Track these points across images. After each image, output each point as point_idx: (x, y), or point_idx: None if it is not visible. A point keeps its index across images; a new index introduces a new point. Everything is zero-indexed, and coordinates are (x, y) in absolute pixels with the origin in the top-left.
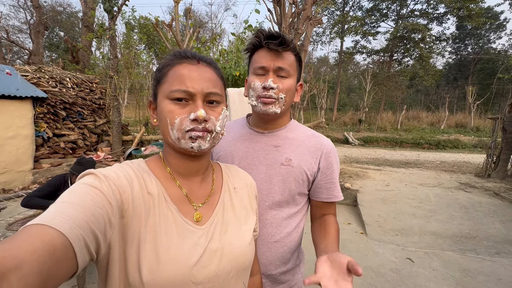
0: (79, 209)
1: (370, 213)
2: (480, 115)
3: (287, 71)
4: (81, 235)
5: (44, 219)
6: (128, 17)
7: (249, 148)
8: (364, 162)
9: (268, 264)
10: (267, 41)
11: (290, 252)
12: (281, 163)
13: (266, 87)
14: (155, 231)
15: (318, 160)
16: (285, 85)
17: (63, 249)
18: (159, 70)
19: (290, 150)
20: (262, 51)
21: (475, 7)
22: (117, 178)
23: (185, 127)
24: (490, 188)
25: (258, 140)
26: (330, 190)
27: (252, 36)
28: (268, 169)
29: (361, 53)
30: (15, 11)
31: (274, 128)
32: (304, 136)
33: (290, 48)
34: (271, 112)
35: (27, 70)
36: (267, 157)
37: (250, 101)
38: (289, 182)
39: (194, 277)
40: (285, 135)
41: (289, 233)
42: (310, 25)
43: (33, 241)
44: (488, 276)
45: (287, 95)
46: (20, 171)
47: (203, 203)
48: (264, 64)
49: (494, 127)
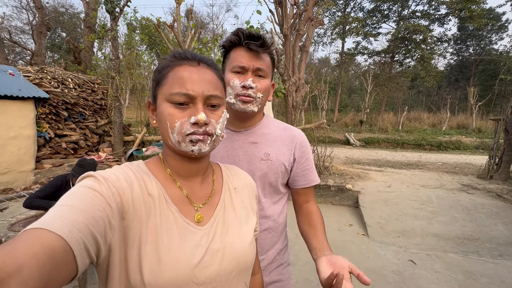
0: (78, 212)
1: (371, 215)
2: (482, 117)
3: (265, 72)
4: (81, 238)
5: (43, 222)
6: (130, 18)
7: (228, 148)
8: (366, 163)
9: (260, 250)
10: (247, 41)
11: (278, 235)
12: (260, 158)
13: (246, 86)
14: (156, 232)
15: (293, 151)
16: (263, 85)
17: (62, 253)
18: (159, 71)
19: (267, 145)
20: (240, 49)
21: (476, 8)
22: (116, 180)
23: (185, 130)
24: (492, 190)
25: (236, 138)
26: (307, 176)
27: (231, 33)
28: (249, 166)
29: (362, 54)
30: (18, 12)
31: (250, 125)
32: (278, 130)
33: (268, 50)
34: (249, 111)
35: (29, 70)
36: (247, 154)
37: (228, 98)
38: (270, 175)
39: (196, 278)
40: (261, 132)
41: (275, 219)
42: (311, 26)
43: (32, 245)
44: (491, 278)
45: (264, 94)
46: (22, 171)
47: (203, 204)
48: (244, 63)
49: (496, 128)
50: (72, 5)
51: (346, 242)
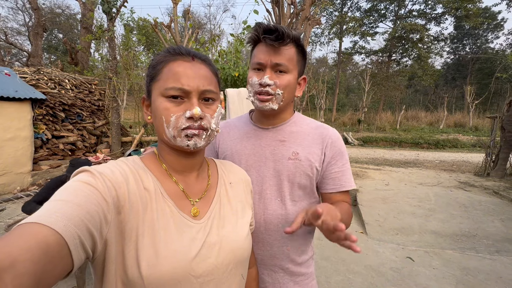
0: (74, 206)
1: (370, 213)
2: (479, 115)
3: (286, 66)
4: (76, 233)
5: (38, 217)
6: (127, 18)
7: (255, 145)
8: (364, 162)
9: (285, 258)
10: (264, 36)
11: (305, 244)
12: (288, 157)
13: (262, 84)
14: (153, 226)
15: (323, 151)
16: (283, 81)
17: (57, 247)
18: (153, 66)
19: (296, 143)
20: (261, 45)
21: (472, 7)
22: (112, 174)
23: (180, 125)
24: (489, 187)
25: (264, 136)
26: (337, 180)
27: (252, 30)
28: (276, 165)
29: (359, 53)
30: (14, 13)
31: (277, 123)
32: (309, 129)
33: (288, 42)
34: (268, 109)
35: (26, 71)
36: (274, 153)
37: (249, 96)
38: (298, 176)
39: (193, 271)
40: (289, 129)
41: (303, 227)
42: (308, 26)
43: (26, 240)
44: (488, 274)
45: (285, 91)
46: (19, 172)
47: (199, 198)
48: (261, 60)
49: (493, 126)
50: (68, 6)
51: None
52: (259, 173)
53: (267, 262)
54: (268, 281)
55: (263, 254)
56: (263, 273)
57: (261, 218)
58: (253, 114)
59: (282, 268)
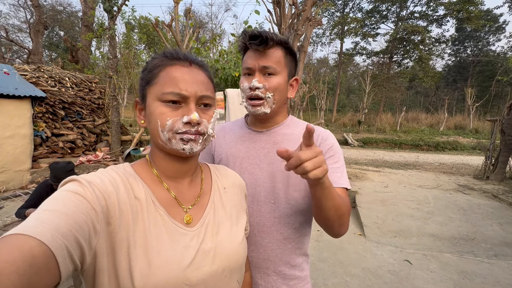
0: (61, 216)
1: (368, 215)
2: (479, 117)
3: (273, 69)
4: (64, 243)
5: (24, 228)
6: (128, 17)
7: (249, 148)
8: (363, 163)
9: (278, 261)
10: (249, 42)
11: (300, 246)
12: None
13: (252, 88)
14: (145, 235)
15: None
16: (272, 84)
17: (44, 259)
18: (149, 70)
19: (289, 145)
20: (249, 51)
21: (474, 9)
22: (101, 183)
23: (177, 129)
24: (488, 190)
25: (258, 139)
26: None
27: (240, 38)
28: (270, 167)
29: (360, 54)
30: (15, 10)
31: (271, 126)
32: (302, 130)
33: (272, 45)
34: (260, 113)
35: (26, 69)
36: (268, 155)
37: (242, 102)
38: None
39: (188, 279)
40: (283, 132)
41: (298, 229)
42: (309, 26)
43: (10, 252)
44: (486, 278)
45: (275, 93)
46: (18, 170)
47: (192, 205)
48: (249, 64)
49: (493, 129)
50: (70, 4)
51: (343, 242)
52: (253, 176)
53: (260, 265)
54: (261, 284)
55: (256, 257)
56: (256, 276)
57: (254, 221)
58: (248, 118)
59: (275, 271)
